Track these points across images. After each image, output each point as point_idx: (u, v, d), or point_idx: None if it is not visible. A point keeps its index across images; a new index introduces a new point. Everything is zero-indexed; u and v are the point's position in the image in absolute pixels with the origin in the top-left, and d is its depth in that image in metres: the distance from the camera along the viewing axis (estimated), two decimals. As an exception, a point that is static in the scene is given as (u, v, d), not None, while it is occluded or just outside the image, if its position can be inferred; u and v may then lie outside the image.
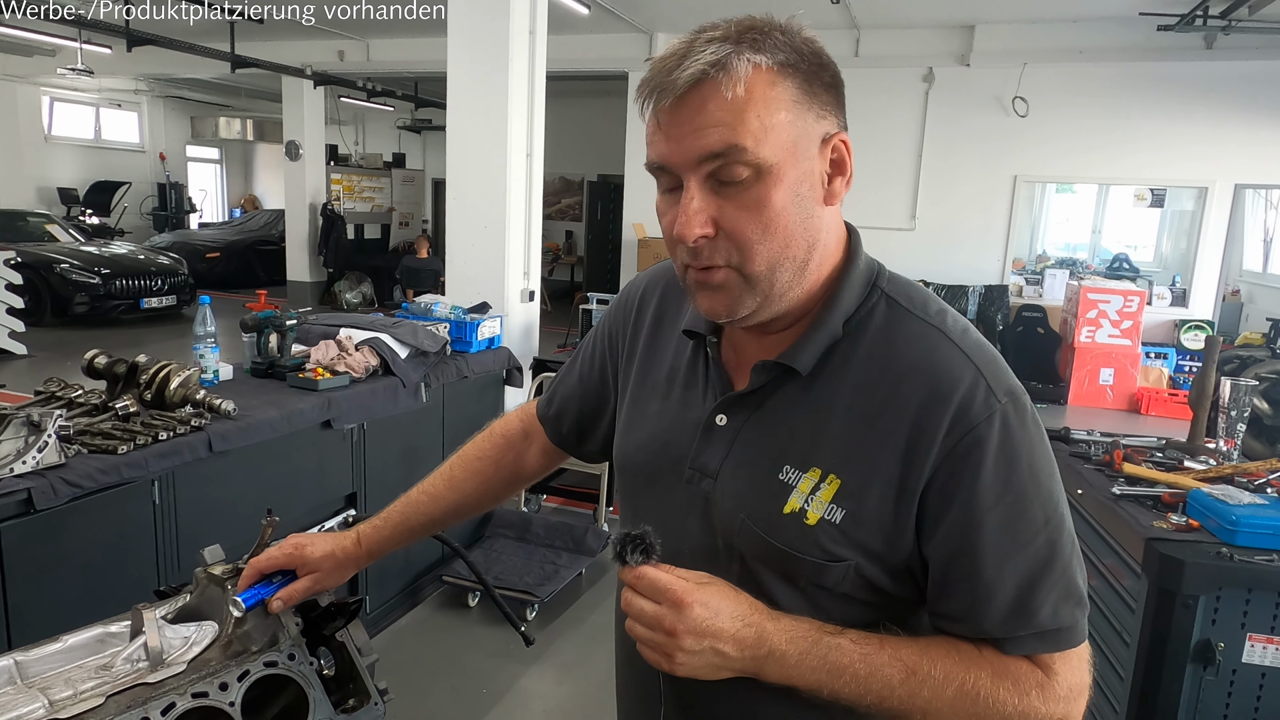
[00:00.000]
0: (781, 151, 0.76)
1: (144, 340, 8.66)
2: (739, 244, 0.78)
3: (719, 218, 0.77)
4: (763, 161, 0.75)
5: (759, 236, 0.77)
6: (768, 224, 0.77)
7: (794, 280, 0.81)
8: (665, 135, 0.77)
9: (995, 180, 8.64)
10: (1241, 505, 1.79)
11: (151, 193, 14.95)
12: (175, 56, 9.25)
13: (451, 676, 2.99)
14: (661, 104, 0.76)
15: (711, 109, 0.74)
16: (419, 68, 10.25)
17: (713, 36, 0.76)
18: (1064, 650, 0.80)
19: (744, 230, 0.77)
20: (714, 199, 0.77)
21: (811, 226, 0.80)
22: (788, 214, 0.77)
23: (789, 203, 0.77)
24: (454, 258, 4.29)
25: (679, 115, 0.76)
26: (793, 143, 0.76)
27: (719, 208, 0.77)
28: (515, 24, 4.02)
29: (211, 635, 1.02)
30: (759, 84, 0.74)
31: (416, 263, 10.94)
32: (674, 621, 0.76)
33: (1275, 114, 7.69)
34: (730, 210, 0.77)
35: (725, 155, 0.75)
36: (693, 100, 0.75)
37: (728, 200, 0.77)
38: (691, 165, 0.77)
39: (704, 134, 0.75)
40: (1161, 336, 8.26)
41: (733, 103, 0.74)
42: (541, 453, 1.19)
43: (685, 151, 0.76)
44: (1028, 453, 0.79)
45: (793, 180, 0.77)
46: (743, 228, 0.77)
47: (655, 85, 0.76)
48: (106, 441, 2.06)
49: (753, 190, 0.76)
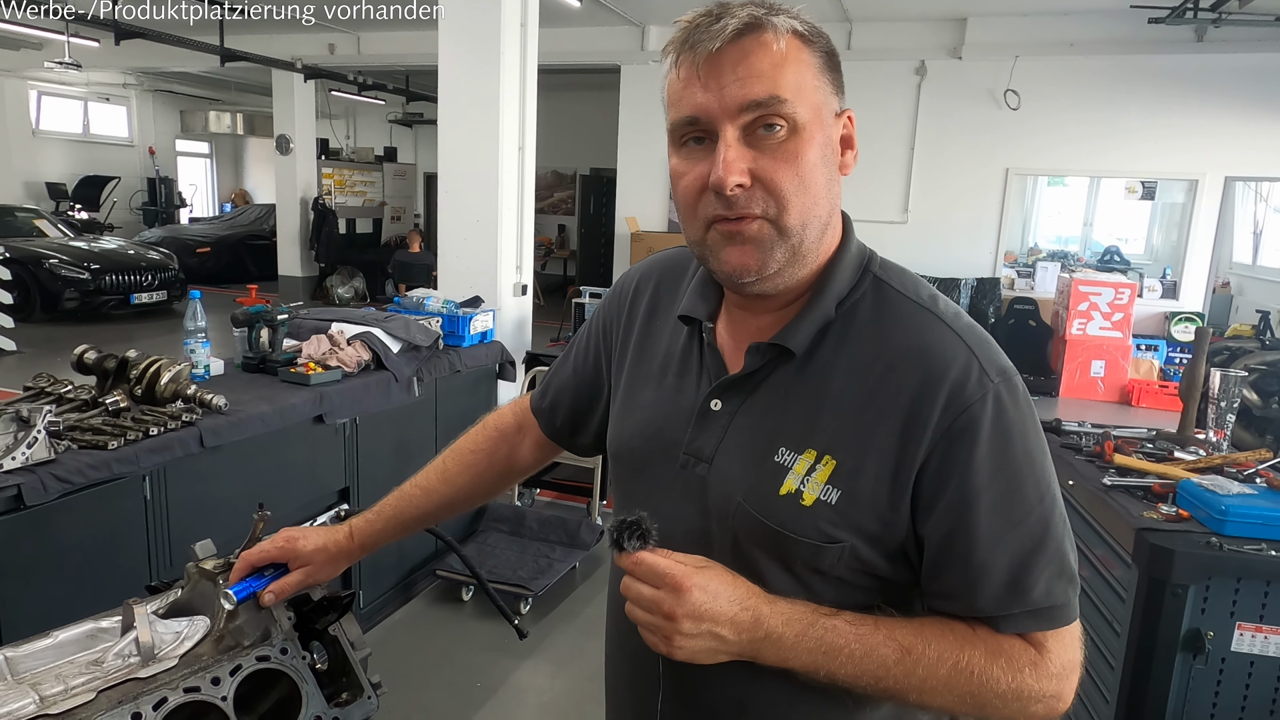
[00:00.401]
0: (812, 112, 0.79)
1: (134, 335, 8.61)
2: (776, 194, 0.79)
3: (755, 169, 0.79)
4: (798, 117, 0.78)
5: (794, 189, 0.79)
6: (803, 177, 0.79)
7: (817, 241, 0.83)
8: (704, 85, 0.78)
9: (987, 173, 8.65)
10: (1231, 495, 1.80)
11: (141, 187, 14.85)
12: (164, 50, 9.17)
13: (445, 670, 2.99)
14: (701, 53, 0.77)
15: (755, 59, 0.77)
16: (410, 61, 10.19)
17: (742, 4, 0.79)
18: (1057, 628, 0.81)
19: (781, 181, 0.79)
20: (749, 151, 0.79)
21: (832, 191, 0.83)
22: (818, 172, 0.80)
23: (820, 161, 0.80)
24: (446, 252, 4.28)
25: (720, 65, 0.77)
26: (819, 107, 0.80)
27: (754, 159, 0.79)
28: (507, 17, 4.01)
29: (203, 630, 1.02)
30: (794, 46, 0.79)
31: (409, 257, 10.90)
32: (672, 605, 0.77)
33: (1265, 106, 7.71)
34: (767, 161, 0.78)
35: (766, 105, 0.77)
36: (735, 51, 0.77)
37: (763, 152, 0.79)
38: (732, 114, 0.78)
39: (748, 83, 0.77)
40: (1152, 329, 8.29)
41: (776, 55, 0.77)
42: (535, 446, 1.19)
43: (726, 100, 0.77)
44: (1021, 432, 0.80)
45: (823, 140, 0.81)
46: (780, 178, 0.79)
47: (693, 39, 0.78)
48: (97, 437, 2.05)
49: (789, 144, 0.78)
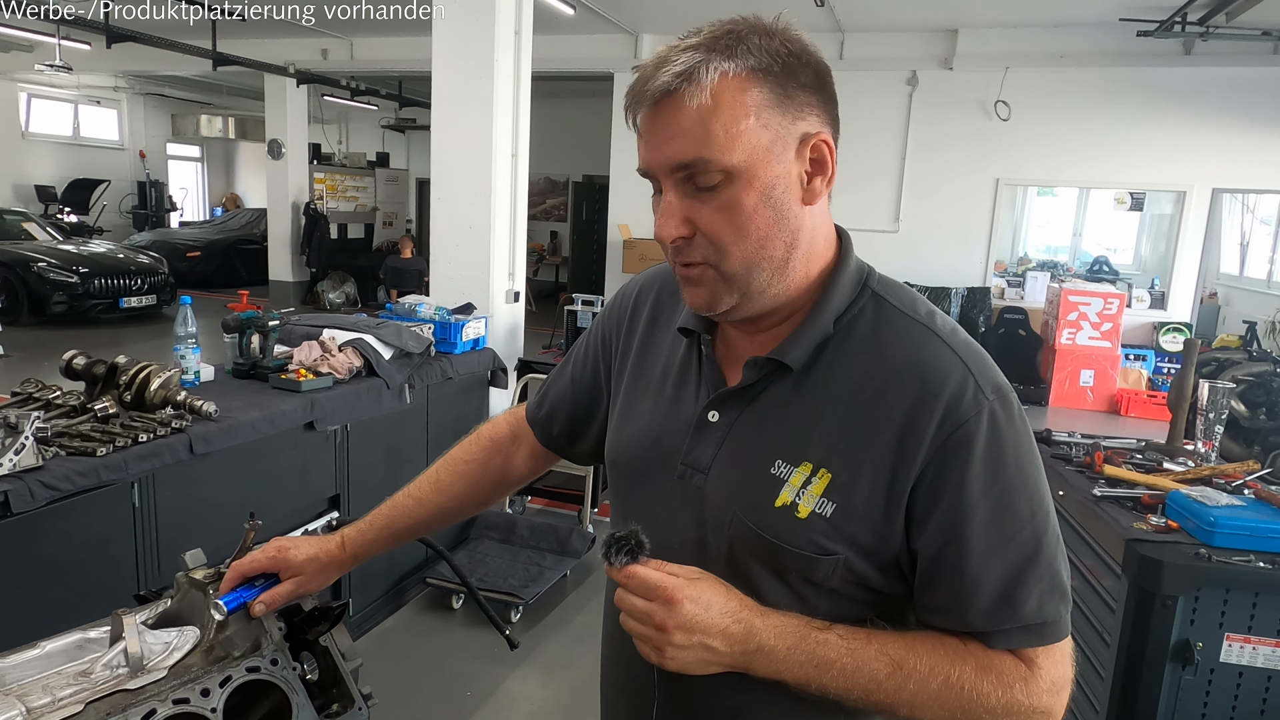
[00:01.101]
0: (752, 156, 0.78)
1: (123, 340, 8.56)
2: (715, 244, 0.82)
3: (695, 219, 0.81)
4: (732, 167, 0.78)
5: (732, 238, 0.81)
6: (740, 226, 0.80)
7: (773, 279, 0.83)
8: (644, 143, 0.82)
9: (978, 183, 8.70)
10: (1219, 507, 1.81)
11: (131, 191, 14.78)
12: (156, 53, 9.14)
13: (436, 679, 2.98)
14: (638, 113, 0.80)
15: (679, 120, 0.78)
16: (403, 67, 10.19)
17: (688, 44, 0.79)
18: (1048, 644, 0.81)
19: (718, 232, 0.81)
20: (690, 201, 0.81)
21: (788, 227, 0.82)
22: (760, 216, 0.80)
23: (761, 205, 0.80)
24: (438, 258, 4.27)
25: (653, 125, 0.80)
26: (765, 147, 0.78)
27: (694, 210, 0.81)
28: (500, 24, 4.01)
29: (193, 640, 1.01)
30: (726, 92, 0.77)
31: (400, 263, 10.88)
32: (664, 617, 0.78)
33: (1252, 119, 7.80)
34: (705, 213, 0.81)
35: (693, 165, 0.79)
36: (663, 111, 0.79)
37: (703, 204, 0.80)
38: (666, 172, 0.81)
39: (672, 143, 0.79)
40: (1140, 339, 8.35)
41: (698, 113, 0.77)
42: (529, 456, 1.19)
43: (659, 159, 0.81)
44: (1014, 448, 0.80)
45: (765, 183, 0.79)
46: (717, 230, 0.81)
47: (632, 95, 0.80)
48: (85, 443, 2.03)
49: (724, 194, 0.79)
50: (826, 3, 7.10)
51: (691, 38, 0.79)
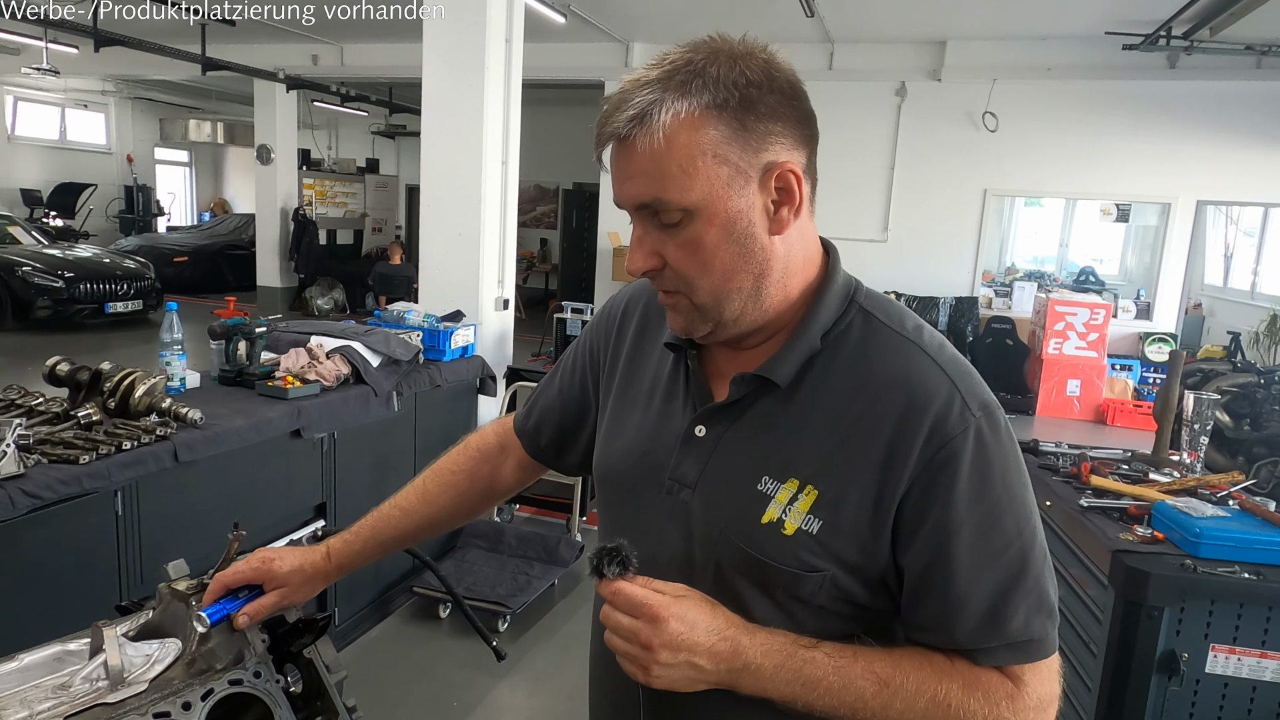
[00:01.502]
0: (710, 194, 0.78)
1: (109, 345, 8.49)
2: (681, 278, 0.83)
3: (663, 252, 0.82)
4: (690, 205, 0.78)
5: (698, 273, 0.82)
6: (704, 262, 0.81)
7: (745, 307, 0.84)
8: (613, 178, 0.83)
9: (966, 193, 8.77)
10: (1205, 518, 1.82)
11: (118, 195, 14.68)
12: (144, 57, 9.09)
13: (422, 689, 2.95)
14: (601, 151, 0.82)
15: (636, 161, 0.79)
16: (394, 73, 10.17)
17: (646, 80, 0.79)
18: (1035, 662, 0.81)
19: (683, 267, 0.83)
20: (657, 234, 0.82)
21: (755, 259, 0.82)
22: (724, 251, 0.81)
23: (723, 240, 0.80)
24: (428, 265, 4.26)
25: (615, 164, 0.81)
26: (724, 183, 0.78)
27: (662, 243, 0.82)
28: (491, 32, 4.01)
29: (175, 653, 1.00)
30: (681, 132, 0.77)
31: (390, 269, 10.85)
32: (650, 636, 0.78)
33: (1235, 132, 7.89)
34: (671, 247, 0.82)
35: (651, 205, 0.80)
36: (621, 152, 0.80)
37: (669, 238, 0.82)
38: (630, 209, 0.83)
39: (631, 183, 0.80)
40: (1126, 349, 8.42)
41: (652, 155, 0.78)
42: (517, 467, 1.18)
43: (622, 197, 0.83)
44: (1001, 465, 0.80)
45: (726, 218, 0.79)
46: (682, 264, 0.83)
47: (597, 132, 0.81)
48: (68, 451, 2.01)
49: (687, 230, 0.80)
50: (816, 13, 7.14)
51: (653, 69, 0.79)
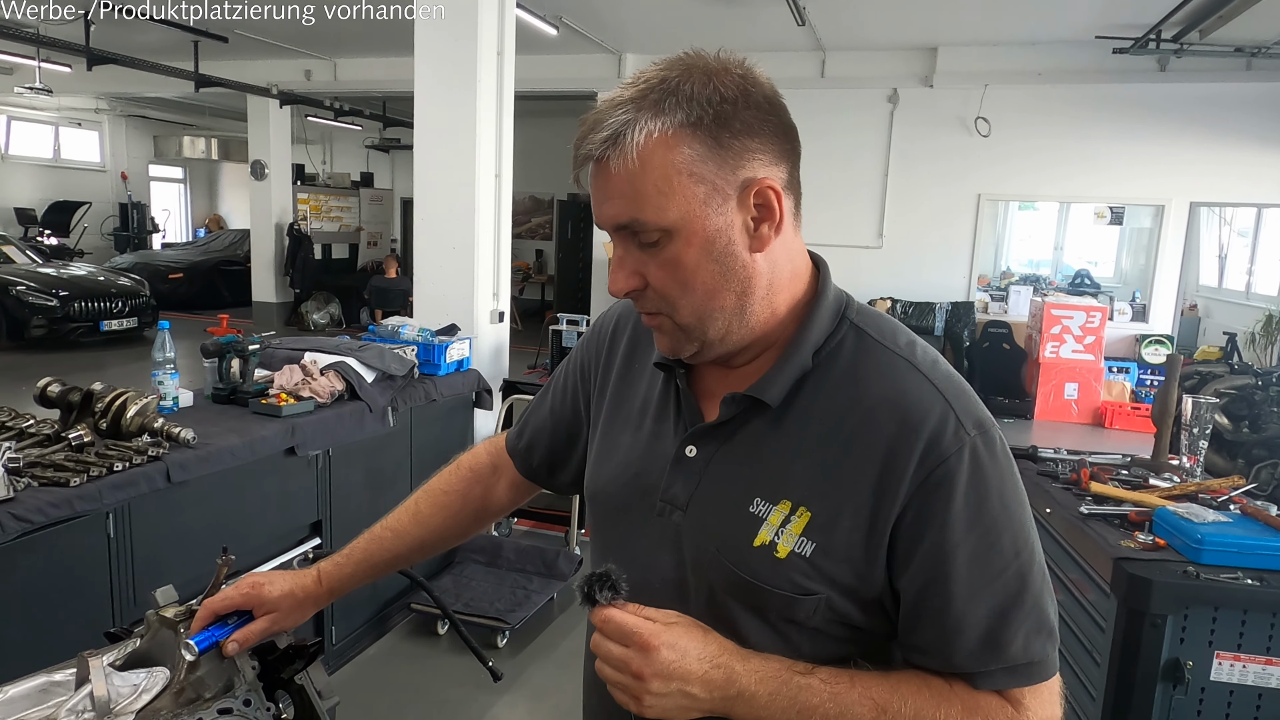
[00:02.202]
0: (687, 213, 0.77)
1: (104, 363, 8.47)
2: (664, 298, 0.82)
3: (644, 273, 0.81)
4: (668, 225, 0.78)
5: (679, 293, 0.81)
6: (685, 282, 0.80)
7: (730, 325, 0.83)
8: (592, 198, 0.82)
9: (959, 198, 8.78)
10: (1206, 524, 1.81)
11: (113, 213, 14.66)
12: (137, 75, 9.09)
13: (420, 707, 2.92)
14: (579, 173, 0.81)
15: (612, 182, 0.78)
16: (387, 87, 10.19)
17: (621, 100, 0.78)
18: (1035, 684, 0.79)
19: (664, 287, 0.81)
20: (639, 254, 0.81)
21: (736, 278, 0.81)
22: (704, 270, 0.79)
23: (703, 260, 0.79)
24: (422, 279, 4.25)
25: (593, 185, 0.80)
26: (700, 201, 0.77)
27: (643, 263, 0.81)
28: (483, 45, 4.01)
29: (163, 682, 0.98)
30: (656, 151, 0.76)
31: (385, 283, 10.84)
32: (640, 665, 0.76)
33: (1227, 134, 7.91)
34: (652, 268, 0.81)
35: (629, 225, 0.79)
36: (598, 173, 0.79)
37: (650, 258, 0.81)
38: (609, 229, 0.82)
39: (608, 204, 0.80)
40: (1123, 351, 8.42)
41: (628, 176, 0.77)
42: (510, 487, 1.17)
43: (601, 218, 0.82)
44: (998, 484, 0.79)
45: (705, 237, 0.78)
46: (663, 285, 0.81)
47: (574, 153, 0.80)
48: (58, 473, 1.99)
49: (666, 250, 0.79)
50: (807, 22, 7.16)
51: (628, 89, 0.78)
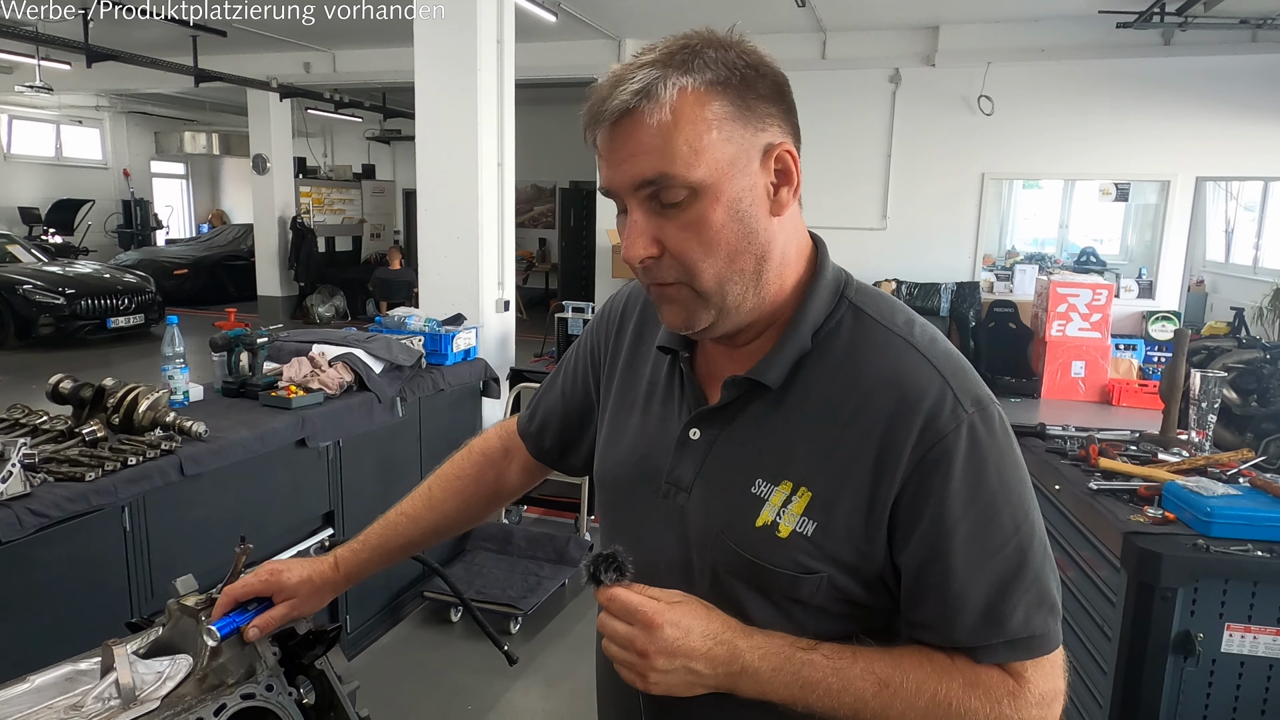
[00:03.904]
0: (716, 170, 0.77)
1: (112, 360, 8.51)
2: (684, 263, 0.80)
3: (662, 238, 0.79)
4: (696, 183, 0.76)
5: (702, 255, 0.79)
6: (709, 243, 0.78)
7: (747, 292, 0.82)
8: (605, 162, 0.80)
9: (963, 178, 8.74)
10: (1215, 496, 1.81)
11: (116, 210, 14.71)
12: (137, 71, 9.10)
13: (436, 694, 2.96)
14: (599, 131, 0.78)
15: (640, 137, 0.76)
16: (387, 78, 10.17)
17: (644, 61, 0.77)
18: (1036, 658, 0.80)
19: (687, 250, 0.79)
20: (656, 220, 0.79)
21: (758, 240, 0.80)
22: (729, 230, 0.78)
23: (729, 220, 0.78)
24: (427, 269, 4.25)
25: (613, 144, 0.78)
26: (728, 160, 0.77)
27: (661, 228, 0.79)
28: (483, 34, 4.00)
29: (186, 669, 1.00)
30: (687, 106, 0.75)
31: (389, 274, 10.86)
32: (645, 642, 0.77)
33: (1232, 107, 7.85)
34: (672, 231, 0.79)
35: (657, 182, 0.77)
36: (623, 129, 0.77)
37: (669, 221, 0.79)
38: (629, 191, 0.79)
39: (634, 161, 0.77)
40: (1130, 328, 8.39)
41: (659, 129, 0.75)
42: (522, 470, 1.18)
43: (621, 178, 0.79)
44: (996, 461, 0.79)
45: (731, 197, 0.78)
46: (685, 248, 0.79)
47: (590, 114, 0.79)
48: (73, 469, 2.01)
49: (691, 210, 0.78)
50: (808, 3, 7.11)
51: (646, 54, 0.78)
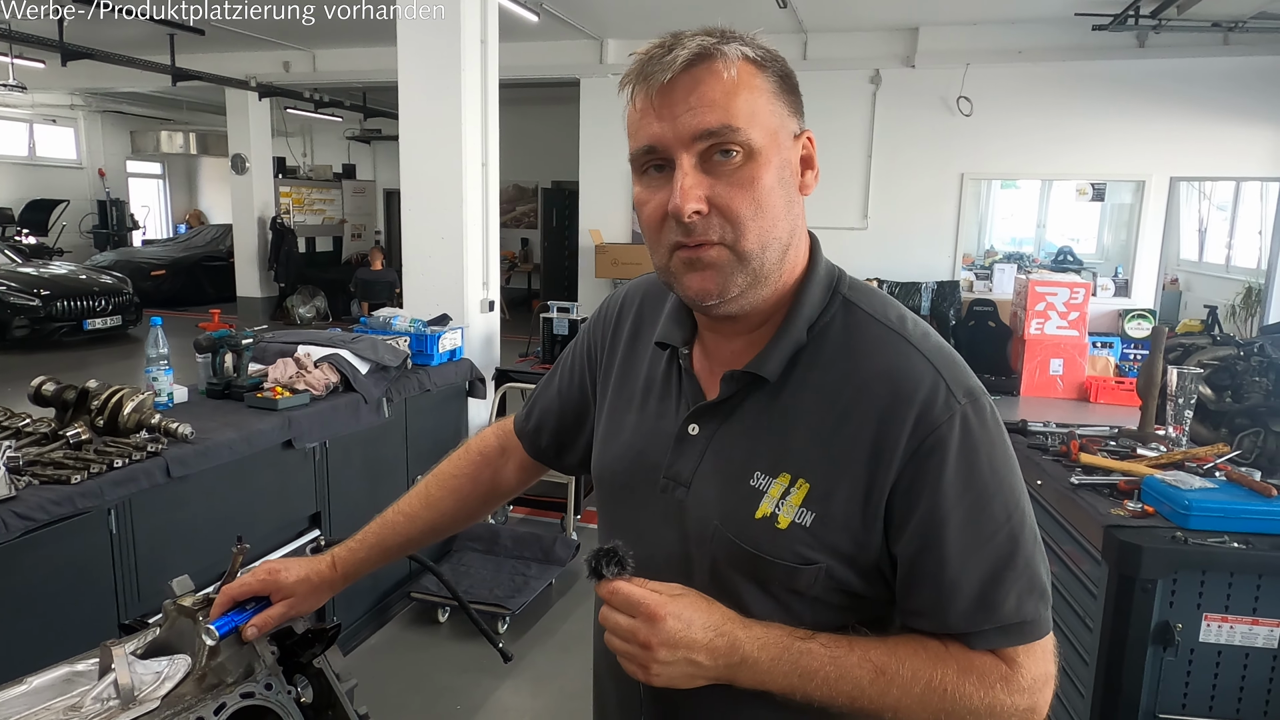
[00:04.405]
0: (769, 136, 0.80)
1: (89, 362, 8.40)
2: (733, 220, 0.80)
3: (711, 195, 0.80)
4: (753, 142, 0.79)
5: (751, 213, 0.80)
6: (759, 201, 0.80)
7: (778, 263, 0.84)
8: (658, 115, 0.80)
9: (943, 178, 8.82)
10: (1193, 490, 1.85)
11: (91, 210, 14.50)
12: (112, 70, 8.99)
13: (424, 694, 2.95)
14: (654, 85, 0.79)
15: (706, 89, 0.78)
16: (367, 77, 10.11)
17: (695, 34, 0.80)
18: (1028, 643, 0.82)
19: (738, 207, 0.80)
20: (706, 178, 0.80)
21: (793, 212, 0.84)
22: (775, 195, 0.81)
23: (776, 184, 0.81)
24: (411, 270, 4.24)
25: (672, 95, 0.79)
26: (774, 130, 0.81)
27: (711, 186, 0.80)
28: (466, 34, 3.99)
29: (185, 669, 1.00)
30: (746, 72, 0.80)
31: (371, 275, 10.79)
32: (648, 635, 0.78)
33: (1205, 109, 7.98)
34: (723, 188, 0.80)
35: (719, 134, 0.78)
36: (687, 81, 0.79)
37: (719, 179, 0.80)
38: (686, 143, 0.79)
39: (700, 112, 0.78)
40: (1106, 326, 8.51)
41: (727, 84, 0.78)
42: (518, 468, 1.19)
43: (680, 129, 0.79)
44: (988, 451, 0.81)
45: (778, 164, 0.81)
46: (736, 204, 0.80)
47: (647, 70, 0.79)
48: (59, 471, 1.99)
49: (745, 169, 0.80)
50: (789, 4, 7.16)
51: (690, 33, 0.81)
